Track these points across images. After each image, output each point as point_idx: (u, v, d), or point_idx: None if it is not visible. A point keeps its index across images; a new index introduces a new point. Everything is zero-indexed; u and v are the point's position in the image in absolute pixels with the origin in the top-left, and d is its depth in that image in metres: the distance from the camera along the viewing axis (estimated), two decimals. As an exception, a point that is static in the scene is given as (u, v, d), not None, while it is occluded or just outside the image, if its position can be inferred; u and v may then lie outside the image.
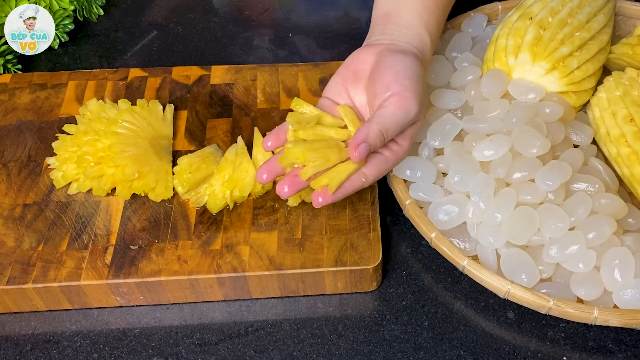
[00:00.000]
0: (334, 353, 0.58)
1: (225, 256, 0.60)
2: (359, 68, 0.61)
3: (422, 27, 0.63)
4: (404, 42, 0.62)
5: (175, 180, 0.64)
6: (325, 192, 0.56)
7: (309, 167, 0.56)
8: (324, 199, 0.56)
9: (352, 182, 0.58)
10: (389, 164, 0.60)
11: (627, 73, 0.67)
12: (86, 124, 0.67)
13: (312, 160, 0.56)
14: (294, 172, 0.57)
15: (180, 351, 0.59)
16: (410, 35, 0.63)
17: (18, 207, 0.64)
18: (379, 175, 0.59)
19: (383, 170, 0.59)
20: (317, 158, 0.57)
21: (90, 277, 0.59)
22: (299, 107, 0.61)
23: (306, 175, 0.56)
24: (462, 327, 0.60)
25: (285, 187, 0.56)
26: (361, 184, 0.58)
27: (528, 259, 0.58)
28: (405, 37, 0.63)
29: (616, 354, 0.58)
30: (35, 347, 0.59)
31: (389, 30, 0.63)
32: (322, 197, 0.56)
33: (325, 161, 0.57)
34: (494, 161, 0.62)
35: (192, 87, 0.74)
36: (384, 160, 0.59)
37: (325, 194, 0.56)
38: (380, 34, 0.63)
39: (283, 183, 0.57)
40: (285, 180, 0.57)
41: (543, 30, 0.67)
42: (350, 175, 0.57)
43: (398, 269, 0.64)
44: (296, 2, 0.90)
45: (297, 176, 0.57)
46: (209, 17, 0.88)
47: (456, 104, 0.68)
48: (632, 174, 0.62)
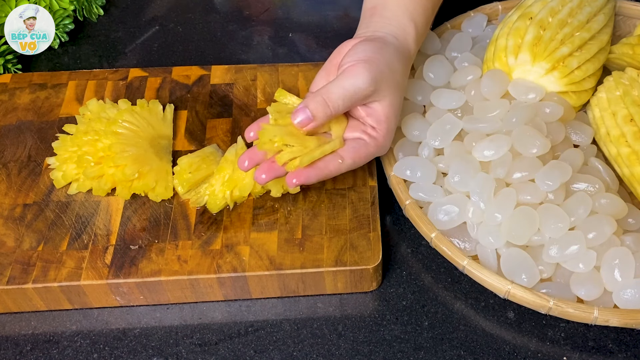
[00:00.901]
0: (334, 353, 0.58)
1: (225, 256, 0.60)
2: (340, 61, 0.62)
3: (407, 18, 0.64)
4: (384, 32, 0.63)
5: (175, 180, 0.64)
6: (299, 171, 0.56)
7: (286, 151, 0.57)
8: (298, 178, 0.56)
9: (326, 162, 0.58)
10: (369, 149, 0.60)
11: (627, 73, 0.67)
12: (86, 124, 0.67)
13: (289, 144, 0.57)
14: (271, 158, 0.57)
15: (180, 351, 0.59)
16: (392, 25, 0.63)
17: (18, 207, 0.64)
18: (357, 159, 0.59)
19: (362, 155, 0.59)
20: (294, 143, 0.57)
21: (90, 277, 0.59)
22: (283, 98, 0.61)
23: (282, 160, 0.56)
24: (462, 327, 0.60)
25: (263, 174, 0.57)
26: (337, 166, 0.58)
27: (528, 259, 0.58)
28: (386, 28, 0.63)
29: (616, 354, 0.58)
30: (35, 347, 0.59)
31: (372, 23, 0.64)
32: (296, 177, 0.56)
33: (302, 147, 0.57)
34: (494, 161, 0.62)
35: (192, 87, 0.74)
36: (363, 144, 0.59)
37: (299, 173, 0.56)
38: (365, 28, 0.64)
39: (260, 169, 0.57)
40: (262, 167, 0.57)
41: (543, 30, 0.67)
42: (324, 154, 0.57)
43: (398, 269, 0.64)
44: (296, 2, 0.90)
45: (275, 162, 0.57)
46: (209, 16, 0.88)
47: (456, 104, 0.68)
48: (632, 174, 0.62)
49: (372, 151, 0.60)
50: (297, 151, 0.57)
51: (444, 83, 0.71)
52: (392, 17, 0.63)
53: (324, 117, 0.57)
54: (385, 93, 0.59)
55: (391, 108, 0.60)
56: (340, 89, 0.57)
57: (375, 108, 0.60)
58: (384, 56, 0.60)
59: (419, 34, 0.65)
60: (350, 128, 0.61)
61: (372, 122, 0.60)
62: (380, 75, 0.59)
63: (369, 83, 0.58)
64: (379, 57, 0.59)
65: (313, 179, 0.57)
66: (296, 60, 0.81)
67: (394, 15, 0.63)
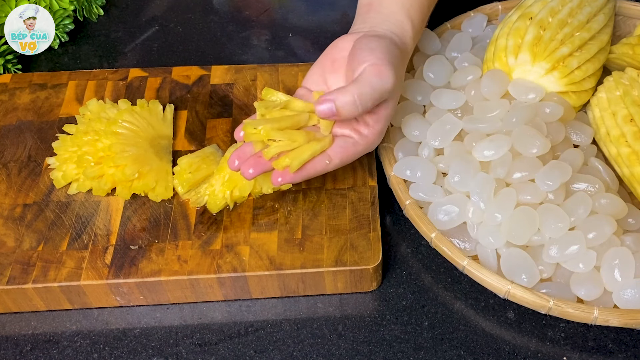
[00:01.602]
0: (334, 353, 0.58)
1: (225, 256, 0.60)
2: (337, 56, 0.61)
3: (403, 15, 0.63)
4: (383, 28, 0.62)
5: (175, 180, 0.64)
6: (285, 172, 0.56)
7: (273, 146, 0.57)
8: (284, 178, 0.57)
9: (314, 163, 0.57)
10: (357, 148, 0.59)
11: (627, 73, 0.67)
12: (86, 124, 0.67)
13: (277, 138, 0.56)
14: (258, 153, 0.57)
15: (180, 351, 0.59)
16: (390, 22, 0.63)
17: (18, 207, 0.64)
18: (345, 159, 0.59)
19: (350, 155, 0.59)
20: (282, 137, 0.57)
21: (90, 277, 0.59)
22: (270, 96, 0.61)
23: (269, 155, 0.56)
24: (462, 327, 0.60)
25: (250, 169, 0.56)
26: (324, 167, 0.58)
27: (528, 259, 0.58)
28: (385, 24, 0.62)
29: (616, 354, 0.58)
30: (35, 347, 0.59)
31: (369, 19, 0.63)
32: (281, 177, 0.57)
33: (290, 142, 0.57)
34: (494, 161, 0.62)
35: (192, 87, 0.74)
36: (352, 143, 0.59)
37: (285, 174, 0.57)
38: (362, 23, 0.64)
39: (247, 164, 0.57)
40: (249, 161, 0.57)
41: (543, 30, 0.67)
42: (314, 156, 0.57)
43: (398, 269, 0.64)
44: (296, 3, 0.90)
45: (261, 157, 0.57)
46: (209, 17, 0.88)
47: (456, 104, 0.68)
48: (632, 174, 0.62)
49: (360, 150, 0.59)
50: (284, 145, 0.57)
51: (444, 83, 0.71)
52: (389, 14, 0.63)
53: (348, 116, 0.56)
54: (393, 94, 0.59)
55: (392, 109, 0.60)
56: (371, 89, 0.56)
57: (378, 107, 0.59)
58: (398, 57, 0.60)
59: (416, 31, 0.65)
60: (340, 124, 0.60)
61: (370, 120, 0.59)
62: (399, 78, 0.59)
63: (393, 85, 0.57)
64: (396, 59, 0.59)
65: (298, 179, 0.57)
66: (295, 61, 0.81)
67: (390, 12, 0.63)
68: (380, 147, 0.67)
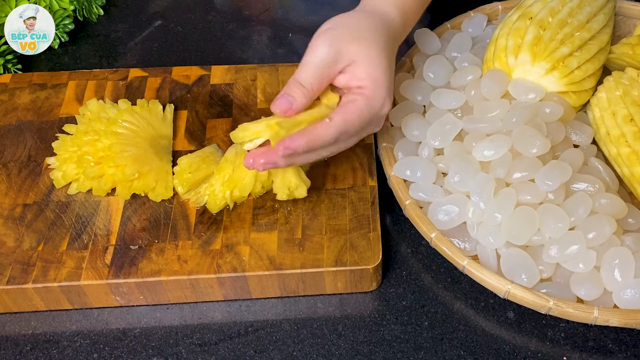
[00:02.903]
0: (334, 353, 0.58)
1: (225, 256, 0.60)
2: None
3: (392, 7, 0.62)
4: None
5: (175, 180, 0.64)
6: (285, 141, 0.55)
7: None
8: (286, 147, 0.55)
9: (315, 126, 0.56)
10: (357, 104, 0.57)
11: (627, 73, 0.67)
12: (86, 124, 0.67)
13: None
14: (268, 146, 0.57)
15: (180, 351, 0.59)
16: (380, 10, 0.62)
17: (18, 207, 0.64)
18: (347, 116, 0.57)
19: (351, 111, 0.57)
20: None
21: (90, 277, 0.59)
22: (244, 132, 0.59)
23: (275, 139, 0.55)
24: (462, 327, 0.60)
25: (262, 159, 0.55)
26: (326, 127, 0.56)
27: (528, 259, 0.58)
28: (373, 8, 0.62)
29: (616, 354, 0.58)
30: (35, 347, 0.59)
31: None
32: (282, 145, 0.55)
33: None
34: (494, 161, 0.62)
35: (192, 87, 0.74)
36: (351, 101, 0.58)
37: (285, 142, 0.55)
38: None
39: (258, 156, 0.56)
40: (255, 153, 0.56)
41: (543, 30, 0.67)
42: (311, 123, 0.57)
43: (398, 269, 0.64)
44: (296, 2, 0.90)
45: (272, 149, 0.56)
46: (209, 16, 0.88)
47: (456, 104, 0.68)
48: (632, 174, 0.62)
49: (361, 106, 0.57)
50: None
51: (444, 83, 0.71)
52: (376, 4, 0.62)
53: (303, 98, 0.57)
54: (354, 52, 0.58)
55: (369, 64, 0.58)
56: (305, 65, 0.57)
57: (352, 71, 0.58)
58: (344, 20, 0.59)
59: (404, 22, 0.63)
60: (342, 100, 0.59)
61: (356, 83, 0.58)
62: (339, 38, 0.58)
63: (328, 49, 0.57)
64: (334, 25, 0.59)
65: (303, 143, 0.55)
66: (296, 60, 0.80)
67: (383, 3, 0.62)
68: (380, 147, 0.67)
